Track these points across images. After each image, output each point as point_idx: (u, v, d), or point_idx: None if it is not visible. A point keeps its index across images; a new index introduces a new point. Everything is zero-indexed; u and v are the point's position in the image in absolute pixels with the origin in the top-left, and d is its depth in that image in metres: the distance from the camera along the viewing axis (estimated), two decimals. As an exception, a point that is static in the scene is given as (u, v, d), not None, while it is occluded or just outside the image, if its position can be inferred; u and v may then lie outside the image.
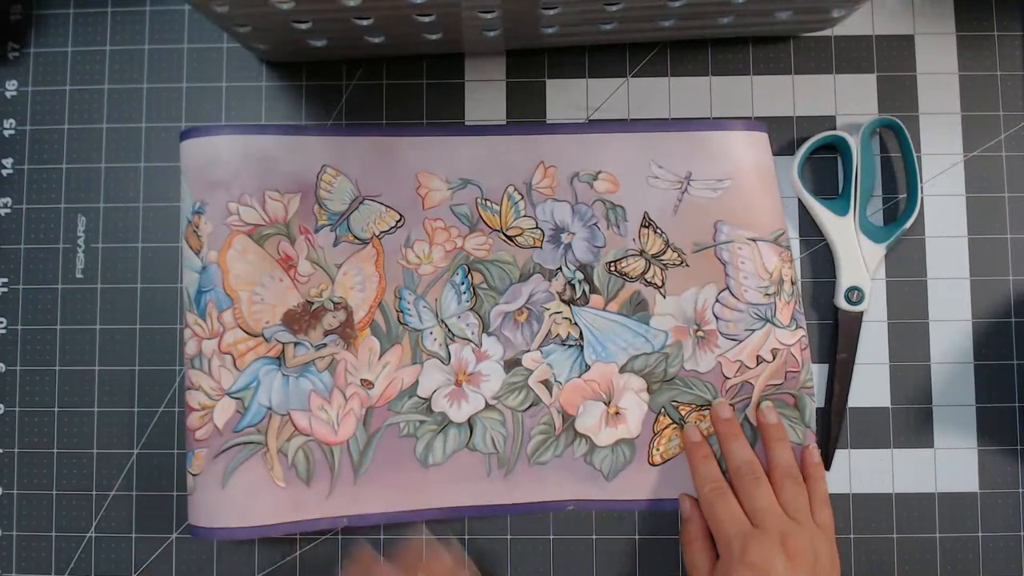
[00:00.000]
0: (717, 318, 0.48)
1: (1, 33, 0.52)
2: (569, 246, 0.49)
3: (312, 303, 0.48)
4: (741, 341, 0.48)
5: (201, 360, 0.46)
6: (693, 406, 0.49)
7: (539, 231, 0.49)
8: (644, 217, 0.49)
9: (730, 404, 0.48)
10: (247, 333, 0.47)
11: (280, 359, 0.48)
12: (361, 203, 0.49)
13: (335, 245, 0.49)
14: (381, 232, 0.49)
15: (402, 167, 0.49)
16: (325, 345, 0.48)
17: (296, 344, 0.48)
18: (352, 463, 0.48)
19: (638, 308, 0.49)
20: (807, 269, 0.50)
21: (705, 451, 0.47)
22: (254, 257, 0.47)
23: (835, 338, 0.49)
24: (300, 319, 0.48)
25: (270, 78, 0.52)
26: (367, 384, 0.48)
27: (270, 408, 0.47)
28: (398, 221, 0.49)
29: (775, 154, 0.50)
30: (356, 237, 0.49)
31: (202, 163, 0.47)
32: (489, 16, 0.44)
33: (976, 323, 0.50)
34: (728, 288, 0.48)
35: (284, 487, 0.47)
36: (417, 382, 0.48)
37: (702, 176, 0.49)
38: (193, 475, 0.46)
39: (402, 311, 0.49)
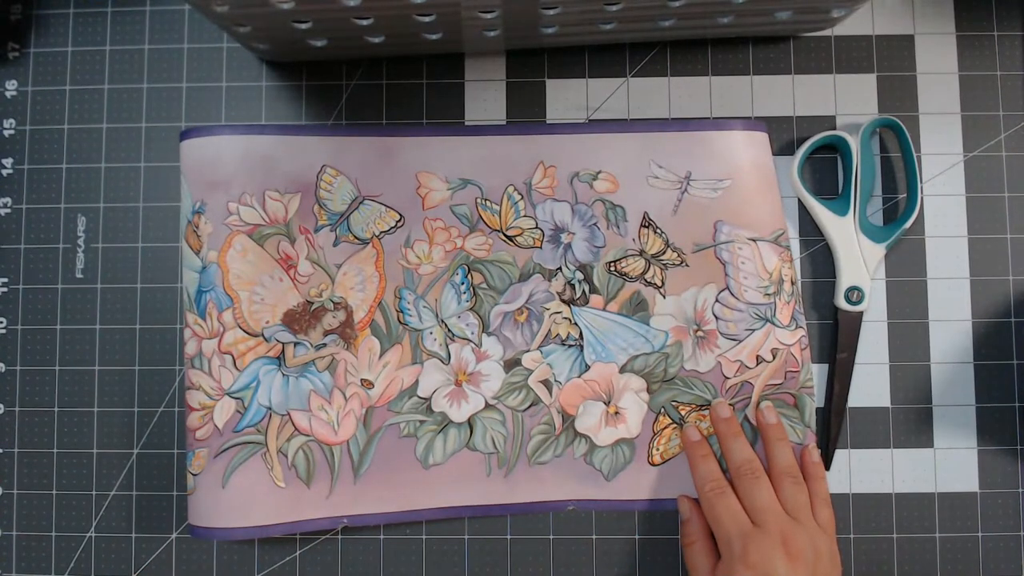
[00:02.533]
0: (717, 318, 0.49)
1: (1, 33, 0.52)
2: (569, 246, 0.50)
3: (312, 303, 0.48)
4: (741, 341, 0.48)
5: (201, 360, 0.46)
6: (693, 406, 0.49)
7: (539, 231, 0.50)
8: (644, 217, 0.49)
9: (730, 404, 0.49)
10: (247, 333, 0.47)
11: (280, 359, 0.48)
12: (361, 203, 0.49)
13: (335, 245, 0.49)
14: (381, 232, 0.49)
15: (402, 167, 0.50)
16: (325, 345, 0.48)
17: (296, 344, 0.48)
18: (352, 463, 0.48)
19: (638, 308, 0.49)
20: (807, 269, 0.50)
21: (704, 450, 0.48)
22: (254, 257, 0.47)
23: (835, 338, 0.50)
24: (300, 319, 0.48)
25: (270, 78, 0.52)
26: (367, 384, 0.49)
27: (270, 408, 0.47)
28: (398, 221, 0.49)
29: (775, 154, 0.50)
30: (356, 237, 0.49)
31: (202, 163, 0.48)
32: (489, 16, 0.45)
33: (976, 323, 0.50)
34: (728, 288, 0.49)
35: (284, 487, 0.47)
36: (417, 382, 0.49)
37: (702, 176, 0.49)
38: (193, 475, 0.47)
39: (402, 311, 0.49)
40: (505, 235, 0.50)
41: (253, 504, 0.47)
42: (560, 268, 0.50)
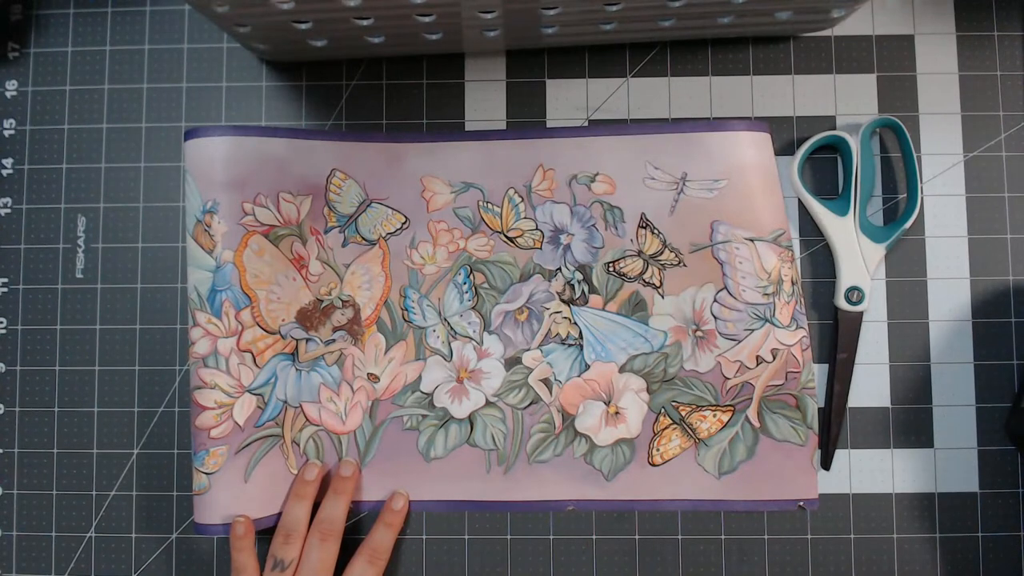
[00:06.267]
0: (716, 318, 0.50)
1: (1, 33, 0.54)
2: (568, 247, 0.51)
3: (322, 301, 0.51)
4: (740, 341, 0.50)
5: (217, 359, 0.48)
6: (693, 406, 0.50)
7: (539, 232, 0.51)
8: (641, 218, 0.51)
9: (729, 405, 0.50)
10: (265, 331, 0.49)
11: (294, 355, 0.50)
12: (369, 206, 0.51)
13: (344, 246, 0.51)
14: (387, 233, 0.51)
15: (408, 172, 0.52)
16: (334, 341, 0.51)
17: (308, 340, 0.51)
18: (359, 451, 0.51)
19: (637, 308, 0.51)
20: (807, 269, 0.52)
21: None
22: (270, 257, 0.49)
23: (835, 338, 0.51)
24: (311, 316, 0.50)
25: (270, 78, 0.53)
26: (373, 378, 0.51)
27: (285, 401, 0.50)
28: (404, 223, 0.51)
29: (775, 154, 0.51)
30: (364, 238, 0.52)
31: (212, 162, 0.49)
32: (489, 16, 0.46)
33: (976, 323, 0.51)
34: (726, 288, 0.50)
35: (296, 474, 0.51)
36: (420, 377, 0.51)
37: (698, 176, 0.50)
38: (207, 474, 0.48)
39: (407, 309, 0.51)
40: (506, 236, 0.51)
41: (273, 494, 0.50)
42: (560, 268, 0.51)
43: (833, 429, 0.51)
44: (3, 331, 0.53)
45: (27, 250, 0.53)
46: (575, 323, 0.51)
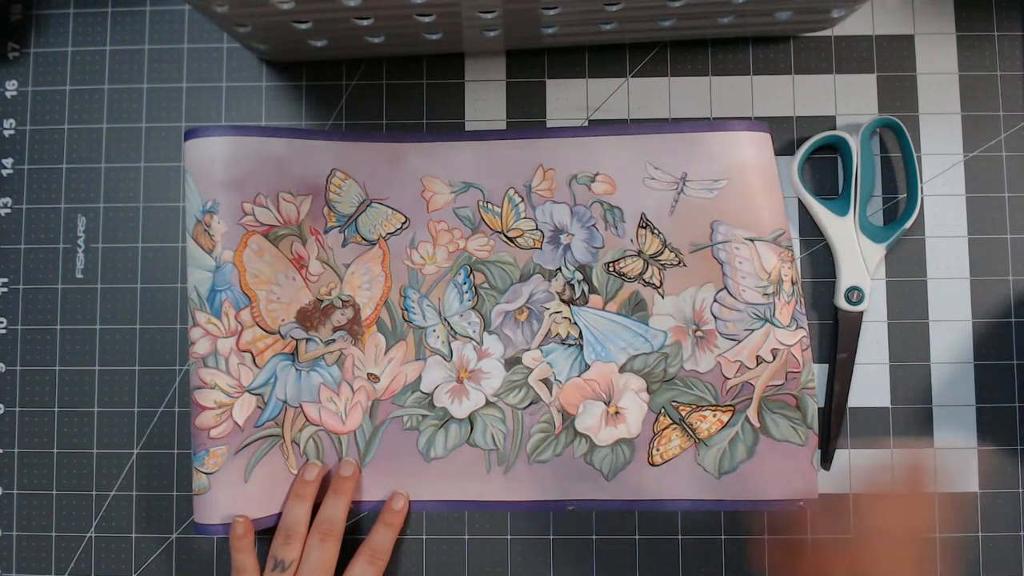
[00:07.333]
0: (716, 318, 0.50)
1: (1, 33, 0.54)
2: (568, 247, 0.51)
3: (322, 301, 0.51)
4: (740, 341, 0.50)
5: (216, 359, 0.48)
6: (693, 406, 0.50)
7: (539, 232, 0.51)
8: (641, 218, 0.51)
9: (729, 405, 0.50)
10: (264, 331, 0.49)
11: (294, 355, 0.50)
12: (369, 206, 0.51)
13: (344, 246, 0.52)
14: (387, 233, 0.51)
15: (408, 172, 0.52)
16: (334, 341, 0.51)
17: (308, 340, 0.51)
18: (359, 452, 0.51)
19: (637, 308, 0.51)
20: (807, 269, 0.52)
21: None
22: (270, 257, 0.49)
23: (835, 338, 0.51)
24: (311, 316, 0.51)
25: (270, 78, 0.53)
26: (373, 378, 0.51)
27: (285, 401, 0.50)
28: (404, 223, 0.51)
29: (775, 154, 0.51)
30: (364, 238, 0.52)
31: (212, 162, 0.49)
32: (489, 16, 0.46)
33: (976, 323, 0.51)
34: (726, 288, 0.50)
35: (296, 474, 0.51)
36: (420, 377, 0.52)
37: (698, 176, 0.50)
38: (207, 474, 0.48)
39: (407, 309, 0.51)
40: (506, 236, 0.52)
41: (274, 494, 0.50)
42: (560, 268, 0.51)
43: (833, 429, 0.51)
44: (3, 331, 0.53)
45: (27, 250, 0.53)
46: (575, 323, 0.52)
